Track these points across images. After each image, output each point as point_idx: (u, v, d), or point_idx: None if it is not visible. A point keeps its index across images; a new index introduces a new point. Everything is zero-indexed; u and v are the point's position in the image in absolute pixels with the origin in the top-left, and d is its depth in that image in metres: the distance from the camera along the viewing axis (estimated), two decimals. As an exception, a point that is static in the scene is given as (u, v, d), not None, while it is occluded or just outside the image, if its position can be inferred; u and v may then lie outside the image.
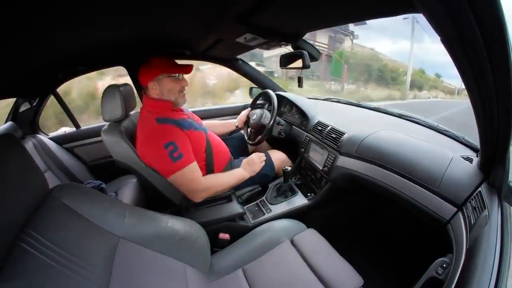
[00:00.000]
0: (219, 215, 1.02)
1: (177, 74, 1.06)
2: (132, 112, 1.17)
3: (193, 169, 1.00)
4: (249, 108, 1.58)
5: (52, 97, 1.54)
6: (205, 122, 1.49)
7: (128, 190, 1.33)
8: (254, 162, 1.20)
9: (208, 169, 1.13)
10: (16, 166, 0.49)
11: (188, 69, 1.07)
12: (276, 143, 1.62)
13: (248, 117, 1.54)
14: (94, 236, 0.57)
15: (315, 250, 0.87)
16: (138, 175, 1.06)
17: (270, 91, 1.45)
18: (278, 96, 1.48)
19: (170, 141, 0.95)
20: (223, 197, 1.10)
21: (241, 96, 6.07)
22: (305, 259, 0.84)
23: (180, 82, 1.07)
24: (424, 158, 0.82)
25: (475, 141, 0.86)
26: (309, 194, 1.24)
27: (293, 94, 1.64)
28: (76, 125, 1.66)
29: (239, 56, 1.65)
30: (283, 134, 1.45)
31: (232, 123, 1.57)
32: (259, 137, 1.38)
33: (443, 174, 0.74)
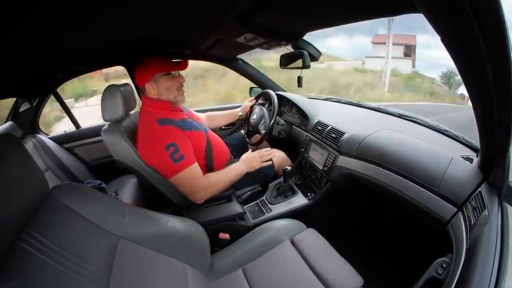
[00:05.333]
0: (219, 215, 1.02)
1: (173, 72, 1.06)
2: (132, 112, 1.17)
3: (194, 170, 1.00)
4: (254, 100, 1.58)
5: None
6: (208, 114, 1.50)
7: (128, 190, 1.33)
8: (254, 159, 1.17)
9: (208, 169, 1.13)
10: (16, 166, 0.49)
11: (183, 65, 1.07)
12: (276, 143, 1.62)
13: (248, 117, 1.55)
14: (94, 236, 0.57)
15: (315, 250, 0.87)
16: (138, 175, 1.06)
17: (270, 91, 1.46)
18: (278, 96, 1.48)
19: (172, 142, 0.95)
20: (223, 197, 1.10)
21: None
22: (305, 259, 0.84)
23: (177, 79, 1.07)
24: (424, 158, 0.82)
25: (475, 141, 0.86)
26: (309, 194, 1.25)
27: (293, 94, 1.64)
28: (76, 125, 1.66)
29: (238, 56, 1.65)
30: (283, 134, 1.45)
31: (235, 111, 1.58)
32: (259, 137, 1.38)
33: (443, 174, 0.74)
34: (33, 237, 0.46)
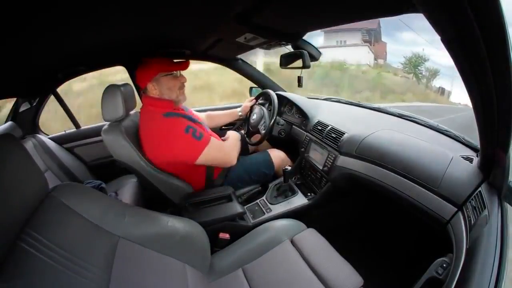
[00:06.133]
0: (219, 215, 1.02)
1: (174, 72, 1.06)
2: (131, 112, 1.17)
3: (216, 140, 1.08)
4: (254, 100, 1.59)
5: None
6: (208, 113, 1.50)
7: (128, 190, 1.33)
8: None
9: (208, 168, 1.13)
10: (16, 166, 0.49)
11: (184, 65, 1.07)
12: (276, 143, 1.62)
13: (248, 117, 1.55)
14: (94, 236, 0.57)
15: (315, 250, 0.87)
16: (138, 175, 1.06)
17: (270, 91, 1.46)
18: (278, 96, 1.48)
19: (187, 125, 1.00)
20: (223, 197, 1.10)
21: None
22: (305, 259, 0.84)
23: (178, 79, 1.08)
24: (424, 158, 0.82)
25: (475, 141, 0.86)
26: (309, 194, 1.24)
27: (293, 94, 1.64)
28: (76, 125, 1.66)
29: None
30: (283, 134, 1.45)
31: (235, 111, 1.59)
32: (259, 136, 1.38)
33: (443, 174, 0.74)
34: (33, 237, 0.46)
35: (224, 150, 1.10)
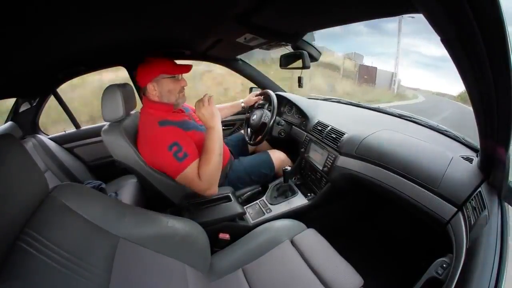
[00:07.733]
0: (219, 215, 1.02)
1: (176, 75, 1.06)
2: (132, 112, 1.17)
3: (194, 169, 0.99)
4: (260, 96, 1.58)
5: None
6: None
7: (128, 190, 1.33)
8: (211, 114, 0.96)
9: None
10: (16, 166, 0.49)
11: (187, 68, 1.06)
12: (276, 143, 1.62)
13: (248, 117, 1.55)
14: (94, 236, 0.57)
15: (315, 250, 0.87)
16: (138, 175, 1.06)
17: (270, 91, 1.46)
18: (278, 96, 1.48)
19: (174, 142, 0.96)
20: (223, 197, 1.10)
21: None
22: (305, 259, 0.84)
23: (179, 82, 1.07)
24: (424, 158, 0.82)
25: (475, 141, 0.86)
26: (309, 194, 1.25)
27: (293, 94, 1.64)
28: (76, 125, 1.66)
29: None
30: (283, 134, 1.45)
31: (238, 102, 1.59)
32: (259, 137, 1.38)
33: (443, 174, 0.74)
34: (32, 237, 0.46)
35: (203, 176, 0.96)
